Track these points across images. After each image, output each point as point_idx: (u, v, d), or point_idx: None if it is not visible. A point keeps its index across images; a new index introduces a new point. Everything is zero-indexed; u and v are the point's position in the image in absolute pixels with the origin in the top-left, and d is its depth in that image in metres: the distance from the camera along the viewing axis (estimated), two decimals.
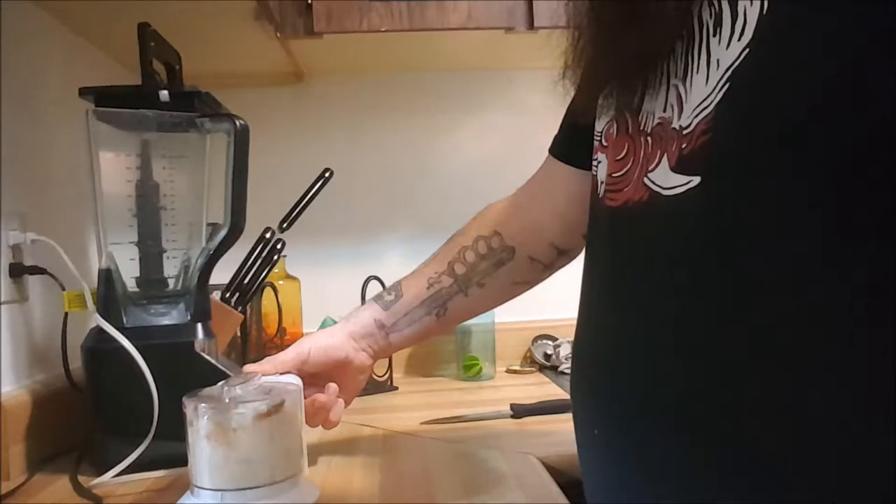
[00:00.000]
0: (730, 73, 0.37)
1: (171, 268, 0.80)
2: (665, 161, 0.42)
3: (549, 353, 1.30)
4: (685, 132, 0.40)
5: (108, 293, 0.75)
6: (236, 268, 0.94)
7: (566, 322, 1.30)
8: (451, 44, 1.15)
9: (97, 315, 0.74)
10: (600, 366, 0.49)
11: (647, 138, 0.45)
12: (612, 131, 0.50)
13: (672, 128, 0.41)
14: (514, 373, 1.29)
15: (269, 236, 0.94)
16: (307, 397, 0.68)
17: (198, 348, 0.76)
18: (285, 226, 0.94)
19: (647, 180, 0.43)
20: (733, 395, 0.37)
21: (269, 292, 1.09)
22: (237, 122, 0.76)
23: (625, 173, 0.47)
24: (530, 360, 1.33)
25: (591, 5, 0.47)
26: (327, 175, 0.95)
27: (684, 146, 0.40)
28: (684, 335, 0.40)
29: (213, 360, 0.76)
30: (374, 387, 1.13)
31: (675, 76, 0.42)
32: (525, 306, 1.41)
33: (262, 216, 0.89)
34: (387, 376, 1.17)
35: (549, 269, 0.76)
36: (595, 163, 0.54)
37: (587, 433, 0.51)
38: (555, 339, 1.31)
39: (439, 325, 0.76)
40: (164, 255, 0.79)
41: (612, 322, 0.48)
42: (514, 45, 1.13)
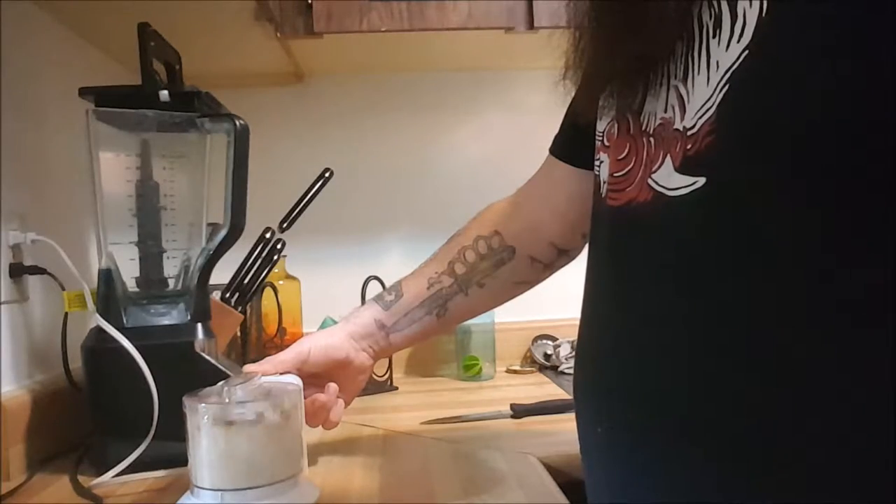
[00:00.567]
0: (729, 74, 0.37)
1: (171, 268, 0.80)
2: (669, 162, 0.42)
3: (549, 353, 1.30)
4: (690, 133, 0.40)
5: (108, 293, 0.75)
6: (236, 268, 0.94)
7: (566, 322, 1.31)
8: (451, 44, 1.15)
9: (97, 315, 0.74)
10: (604, 365, 0.49)
11: (650, 139, 0.45)
12: (614, 131, 0.50)
13: (674, 129, 0.42)
14: (514, 373, 1.28)
15: (269, 236, 0.94)
16: (307, 397, 0.68)
17: (198, 348, 0.76)
18: (285, 226, 0.94)
19: (650, 181, 0.43)
20: (736, 395, 0.37)
21: (269, 292, 1.09)
22: (237, 122, 0.76)
23: (627, 173, 0.47)
24: (530, 360, 1.33)
25: (592, 6, 0.47)
26: (327, 175, 0.95)
27: (689, 147, 0.40)
28: (688, 335, 0.40)
29: (213, 360, 0.76)
30: (374, 387, 1.13)
31: (676, 77, 0.42)
32: (525, 306, 1.41)
33: (262, 216, 0.89)
34: (387, 376, 1.17)
35: (549, 268, 0.76)
36: (597, 162, 0.54)
37: (591, 432, 0.51)
38: (555, 339, 1.31)
39: (440, 325, 0.76)
40: (164, 255, 0.79)
41: (616, 321, 0.48)
42: (514, 45, 1.13)
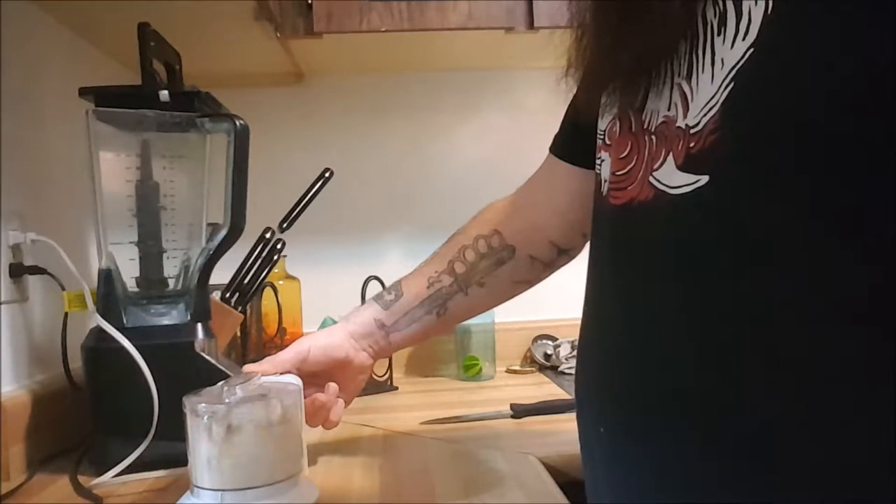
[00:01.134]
0: (734, 72, 0.37)
1: (171, 268, 0.80)
2: (671, 160, 0.42)
3: (549, 353, 1.30)
4: (693, 131, 0.40)
5: (108, 293, 0.75)
6: (236, 268, 0.94)
7: (566, 322, 1.31)
8: (451, 44, 1.15)
9: (97, 315, 0.74)
10: (605, 364, 0.49)
11: (651, 137, 0.45)
12: (616, 129, 0.50)
13: (677, 126, 0.41)
14: (514, 373, 1.28)
15: (269, 236, 0.94)
16: (307, 397, 0.68)
17: (198, 348, 0.76)
18: (285, 226, 0.94)
19: (652, 179, 0.43)
20: (738, 394, 0.37)
21: (269, 292, 1.09)
22: (237, 122, 0.76)
23: (628, 171, 0.47)
24: (530, 360, 1.33)
25: (594, 4, 0.47)
26: (327, 175, 0.95)
27: (692, 145, 0.40)
28: (690, 334, 0.40)
29: (213, 360, 0.76)
30: (374, 387, 1.13)
31: (679, 75, 0.42)
32: (525, 306, 1.41)
33: (262, 216, 0.89)
34: (387, 376, 1.17)
35: (549, 267, 0.76)
36: (598, 161, 0.54)
37: (592, 432, 0.51)
38: (555, 339, 1.31)
39: (439, 325, 0.76)
40: (164, 255, 0.79)
41: (618, 321, 0.48)
42: (514, 45, 1.13)
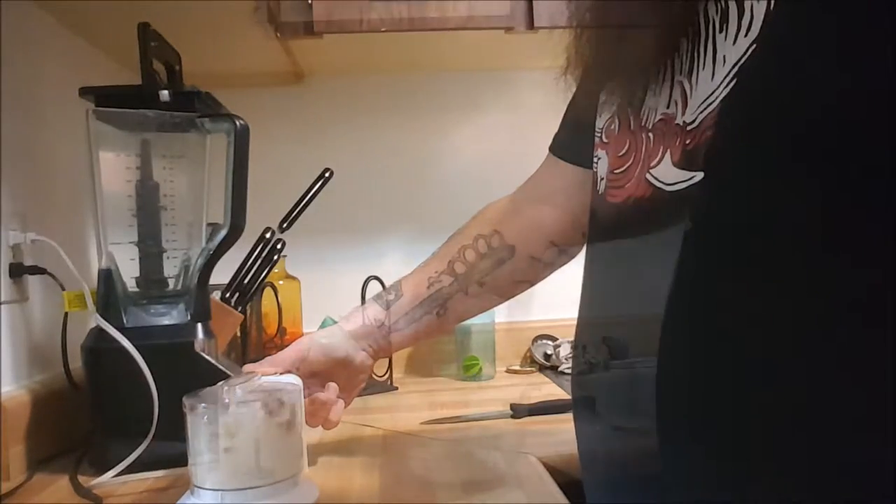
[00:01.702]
0: (737, 69, 0.37)
1: (171, 268, 0.80)
2: (668, 157, 0.42)
3: (549, 353, 1.30)
4: (689, 128, 0.40)
5: (108, 293, 0.75)
6: (236, 268, 0.94)
7: (566, 322, 1.30)
8: (451, 44, 1.15)
9: (97, 315, 0.74)
10: (603, 364, 0.49)
11: (649, 134, 0.45)
12: (614, 127, 0.50)
13: (675, 123, 0.42)
14: (514, 373, 1.28)
15: (269, 236, 0.94)
16: (307, 397, 0.68)
17: (198, 348, 0.76)
18: (285, 226, 0.94)
19: (649, 176, 0.43)
20: (736, 393, 0.37)
21: (269, 292, 1.09)
22: (237, 122, 0.76)
23: (626, 169, 0.47)
24: (530, 360, 1.33)
25: (595, 3, 0.47)
26: (327, 175, 0.95)
27: (688, 142, 0.40)
28: (688, 332, 0.40)
29: (213, 360, 0.76)
30: (374, 387, 1.13)
31: (681, 72, 0.42)
32: (525, 306, 1.41)
33: (262, 216, 0.89)
34: (387, 376, 1.17)
35: (549, 267, 0.76)
36: (596, 159, 0.54)
37: (589, 432, 0.51)
38: (555, 339, 1.31)
39: (439, 325, 0.76)
40: (164, 255, 0.79)
41: (615, 319, 0.48)
42: (514, 45, 1.13)
